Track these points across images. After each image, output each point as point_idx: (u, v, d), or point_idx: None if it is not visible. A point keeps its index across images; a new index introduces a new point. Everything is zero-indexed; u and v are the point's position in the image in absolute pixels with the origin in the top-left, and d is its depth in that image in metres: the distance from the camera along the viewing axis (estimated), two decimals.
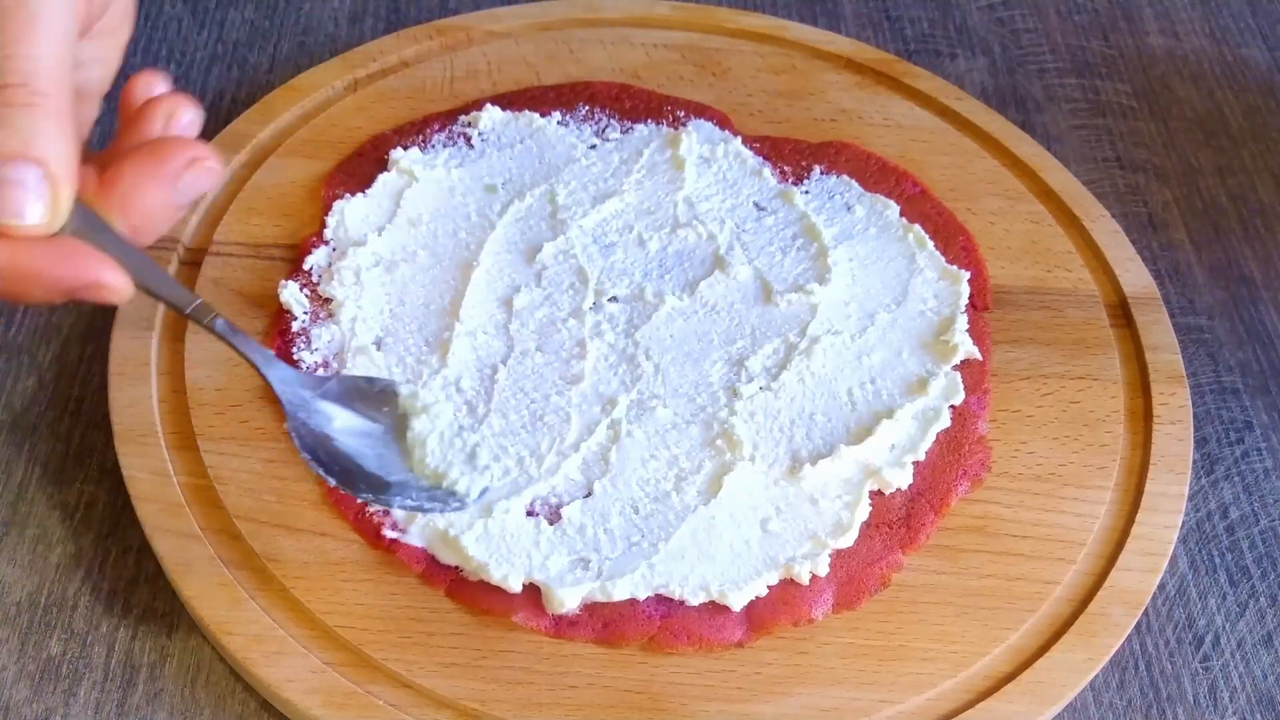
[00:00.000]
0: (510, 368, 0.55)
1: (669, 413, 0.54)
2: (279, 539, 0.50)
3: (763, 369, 0.56)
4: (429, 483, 0.49)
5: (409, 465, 0.49)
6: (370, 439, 0.49)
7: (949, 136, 0.66)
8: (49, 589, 0.52)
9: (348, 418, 0.49)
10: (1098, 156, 0.70)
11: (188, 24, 0.73)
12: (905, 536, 0.52)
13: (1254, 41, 0.77)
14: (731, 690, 0.48)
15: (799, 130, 0.66)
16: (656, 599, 0.49)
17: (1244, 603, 0.55)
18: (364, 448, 0.49)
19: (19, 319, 0.60)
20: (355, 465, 0.48)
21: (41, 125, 0.41)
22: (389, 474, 0.48)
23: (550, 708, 0.47)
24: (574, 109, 0.65)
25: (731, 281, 0.59)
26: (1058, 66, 0.75)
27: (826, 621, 0.50)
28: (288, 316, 0.57)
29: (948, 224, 0.62)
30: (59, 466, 0.55)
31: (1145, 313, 0.60)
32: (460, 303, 0.57)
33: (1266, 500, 0.58)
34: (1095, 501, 0.54)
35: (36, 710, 0.49)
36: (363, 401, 0.50)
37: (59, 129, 0.41)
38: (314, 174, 0.62)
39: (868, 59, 0.69)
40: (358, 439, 0.49)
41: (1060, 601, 0.51)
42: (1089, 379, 0.58)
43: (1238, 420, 0.60)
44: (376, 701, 0.47)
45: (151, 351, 0.56)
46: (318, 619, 0.49)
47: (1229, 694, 0.52)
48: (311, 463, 0.47)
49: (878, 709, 0.48)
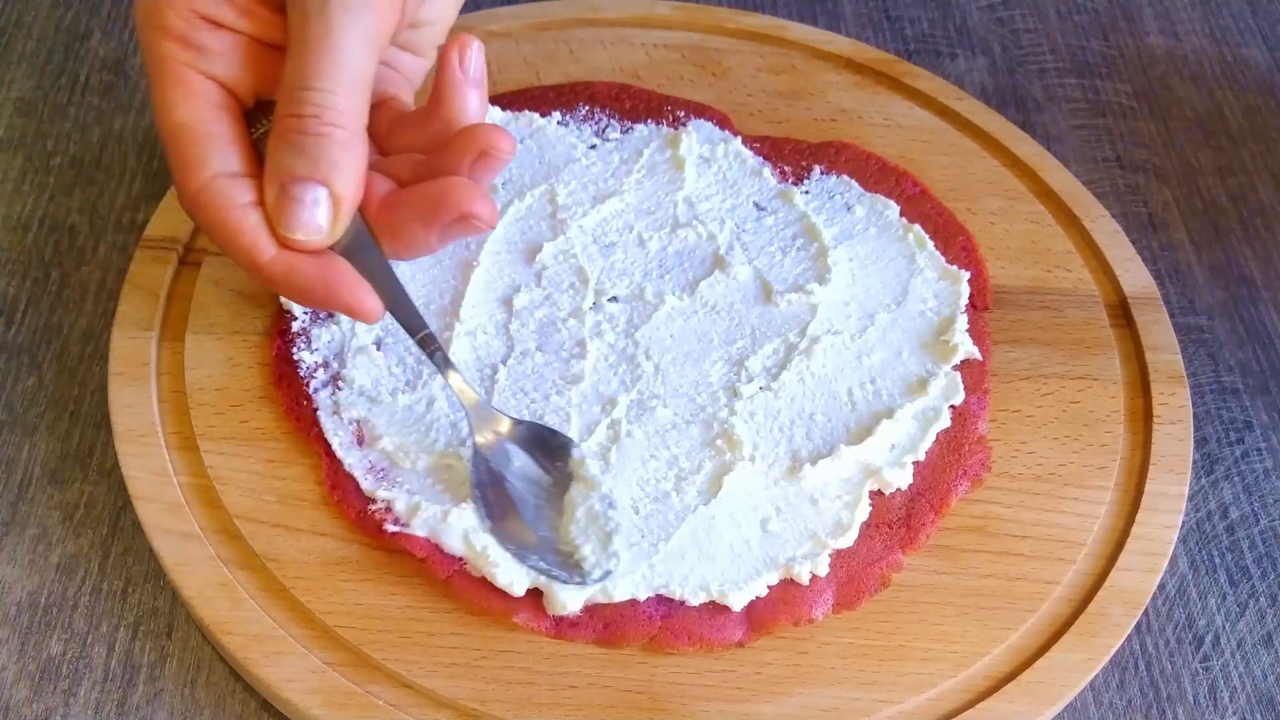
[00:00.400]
0: (510, 367, 0.55)
1: (669, 413, 0.54)
2: (279, 539, 0.50)
3: (763, 369, 0.56)
4: (565, 549, 0.50)
5: (556, 526, 0.50)
6: (538, 488, 0.51)
7: (949, 136, 0.66)
8: (49, 589, 0.52)
9: (525, 462, 0.51)
10: (1098, 156, 0.70)
11: None
12: (905, 536, 0.52)
13: (1254, 41, 0.77)
14: (731, 690, 0.48)
15: (799, 130, 0.66)
16: (657, 599, 0.49)
17: (1244, 603, 0.55)
18: (528, 495, 0.51)
19: (19, 319, 0.60)
20: (515, 512, 0.50)
21: (330, 152, 0.45)
22: (538, 528, 0.50)
23: (550, 708, 0.47)
24: (574, 109, 0.65)
25: (731, 281, 0.59)
26: (1058, 66, 0.75)
27: (826, 621, 0.50)
28: (288, 316, 0.56)
29: (948, 224, 0.62)
30: (59, 466, 0.55)
31: (1145, 313, 0.60)
32: (460, 302, 0.57)
33: (1266, 500, 0.58)
34: (1095, 501, 0.54)
35: (36, 710, 0.49)
36: (542, 450, 0.52)
37: (346, 154, 0.46)
38: None
39: (868, 59, 0.69)
40: (526, 485, 0.51)
41: (1060, 601, 0.51)
42: (1089, 379, 0.58)
43: (1238, 420, 0.60)
44: (376, 701, 0.47)
45: (151, 351, 0.56)
46: (318, 619, 0.49)
47: (1229, 694, 0.52)
48: (479, 500, 0.50)
49: (878, 709, 0.48)
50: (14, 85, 0.69)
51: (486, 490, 0.50)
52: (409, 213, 0.48)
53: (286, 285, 0.47)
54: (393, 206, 0.48)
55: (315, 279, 0.47)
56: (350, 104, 0.46)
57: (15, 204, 0.64)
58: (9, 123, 0.68)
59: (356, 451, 0.53)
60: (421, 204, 0.47)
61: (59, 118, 0.68)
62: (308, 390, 0.54)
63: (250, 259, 0.47)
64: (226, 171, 0.47)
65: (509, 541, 0.49)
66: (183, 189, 0.47)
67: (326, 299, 0.47)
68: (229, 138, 0.47)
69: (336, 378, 0.55)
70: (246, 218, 0.46)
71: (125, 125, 0.68)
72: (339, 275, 0.47)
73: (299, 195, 0.46)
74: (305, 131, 0.45)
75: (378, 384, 0.54)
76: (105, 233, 0.63)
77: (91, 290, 0.61)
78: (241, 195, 0.46)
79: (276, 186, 0.46)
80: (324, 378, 0.55)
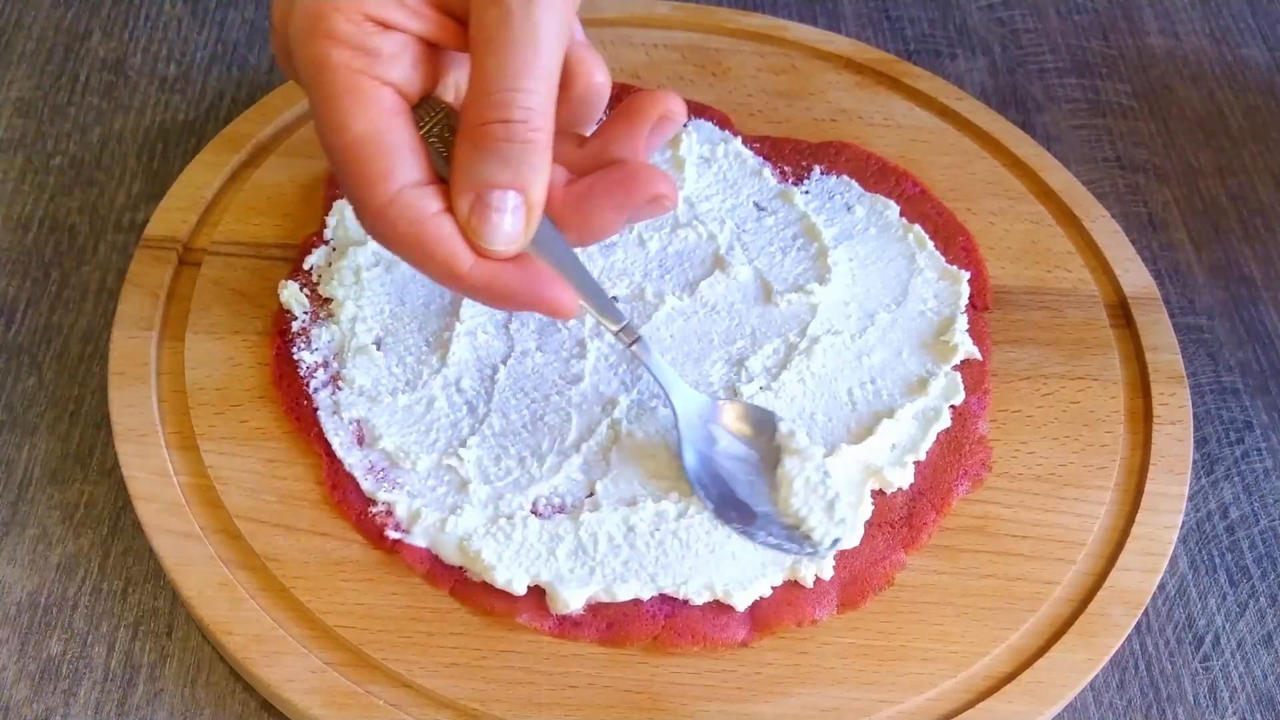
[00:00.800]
0: (510, 367, 0.55)
1: (669, 412, 0.54)
2: (279, 539, 0.50)
3: (763, 369, 0.56)
4: (789, 522, 0.50)
5: (774, 500, 0.51)
6: (745, 465, 0.52)
7: (949, 136, 0.66)
8: (49, 589, 0.52)
9: (730, 441, 0.52)
10: (1098, 156, 0.70)
11: (188, 24, 0.73)
12: (908, 536, 0.52)
13: (1254, 41, 0.77)
14: (732, 690, 0.48)
15: (799, 130, 0.66)
16: (660, 599, 0.49)
17: (1244, 603, 0.55)
18: (738, 473, 0.51)
19: (19, 319, 0.60)
20: (730, 491, 0.51)
21: (531, 159, 0.44)
22: (756, 504, 0.51)
23: (550, 708, 0.47)
24: None
25: (731, 281, 0.59)
26: (1058, 66, 0.75)
27: (827, 622, 0.50)
28: (288, 316, 0.57)
29: (948, 224, 0.62)
30: (59, 466, 0.55)
31: (1145, 313, 0.60)
32: (460, 302, 0.57)
33: (1266, 500, 0.58)
34: (1095, 501, 0.54)
35: (36, 710, 0.49)
36: (747, 428, 0.52)
37: (543, 160, 0.44)
38: (314, 174, 0.62)
39: (868, 59, 0.69)
40: (734, 463, 0.52)
41: (1060, 601, 0.51)
42: (1089, 379, 0.58)
43: (1238, 420, 0.60)
44: (376, 701, 0.47)
45: (151, 351, 0.56)
46: (318, 619, 0.49)
47: (1229, 694, 0.52)
48: (696, 485, 0.51)
49: (878, 709, 0.48)
50: (14, 85, 0.69)
51: (700, 474, 0.51)
52: (601, 202, 0.46)
53: (489, 293, 0.45)
54: (580, 197, 0.46)
55: (518, 282, 0.45)
56: (550, 105, 0.44)
57: (15, 204, 0.64)
58: (9, 123, 0.68)
59: (357, 451, 0.53)
60: (613, 191, 0.46)
61: (59, 118, 0.68)
62: (308, 390, 0.54)
63: (450, 270, 0.44)
64: (412, 182, 0.44)
65: (733, 521, 0.50)
66: (367, 205, 0.44)
67: (531, 301, 0.45)
68: (410, 145, 0.44)
69: (336, 378, 0.55)
70: (441, 228, 0.44)
71: (125, 125, 0.68)
72: (540, 276, 0.45)
73: (497, 204, 0.44)
74: (513, 139, 0.43)
75: (378, 384, 0.54)
76: (105, 233, 0.63)
77: (91, 290, 0.61)
78: (431, 205, 0.44)
79: (473, 196, 0.44)
80: (324, 378, 0.55)
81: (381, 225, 0.44)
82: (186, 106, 0.69)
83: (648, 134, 0.46)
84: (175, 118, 0.68)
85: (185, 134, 0.68)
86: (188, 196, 0.61)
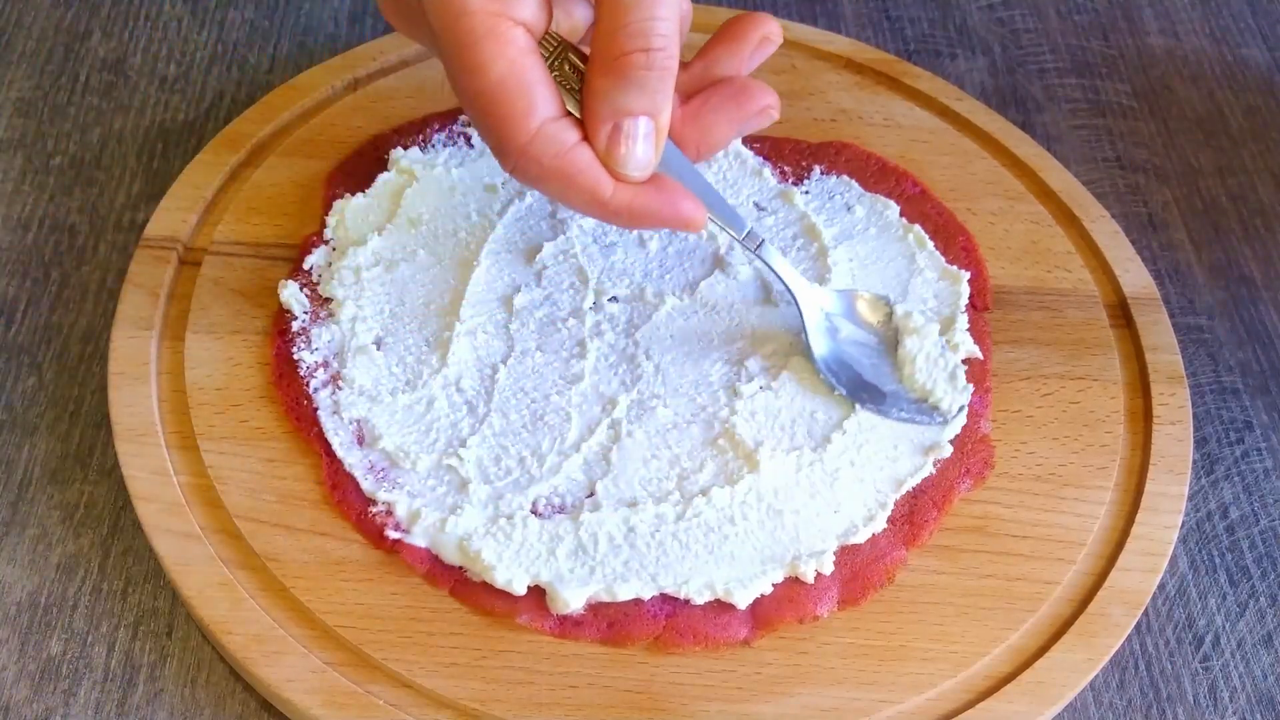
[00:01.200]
0: (510, 367, 0.55)
1: (669, 412, 0.54)
2: (279, 539, 0.50)
3: (763, 368, 0.56)
4: (918, 395, 0.55)
5: (899, 378, 0.55)
6: (866, 349, 0.56)
7: (949, 136, 0.67)
8: (49, 589, 0.52)
9: (851, 329, 0.56)
10: (1098, 156, 0.70)
11: (188, 24, 0.73)
12: (909, 533, 0.52)
13: (1254, 41, 0.77)
14: (732, 690, 0.48)
15: (799, 130, 0.66)
16: (661, 598, 0.49)
17: (1244, 603, 0.55)
18: (862, 357, 0.55)
19: (19, 319, 0.60)
20: (858, 375, 0.55)
21: (666, 86, 0.47)
22: (883, 384, 0.55)
23: (550, 708, 0.47)
24: None
25: (731, 281, 0.59)
26: (1058, 66, 0.75)
27: (827, 621, 0.50)
28: (288, 316, 0.57)
29: (948, 224, 0.62)
30: (59, 466, 0.55)
31: (1145, 313, 0.60)
32: (460, 302, 0.57)
33: (1266, 500, 0.58)
34: (1095, 501, 0.54)
35: (36, 710, 0.49)
36: (865, 316, 0.56)
37: (672, 86, 0.47)
38: (314, 174, 0.62)
39: (868, 59, 0.69)
40: (858, 349, 0.56)
41: (1060, 601, 0.51)
42: (1089, 379, 0.58)
43: (1238, 420, 0.60)
44: (376, 701, 0.47)
45: (151, 351, 0.56)
46: (318, 619, 0.49)
47: (1229, 694, 0.52)
48: (826, 374, 0.55)
49: (878, 709, 0.48)
50: (14, 85, 0.69)
51: (830, 362, 0.55)
52: (716, 117, 0.49)
53: (629, 214, 0.48)
54: (696, 115, 0.50)
55: (656, 202, 0.48)
56: (678, 32, 0.47)
57: (15, 204, 0.64)
58: (9, 123, 0.68)
59: (357, 451, 0.53)
60: (726, 106, 0.49)
61: (59, 118, 0.68)
62: (308, 390, 0.54)
63: (593, 197, 0.47)
64: (550, 116, 0.47)
65: (866, 403, 0.54)
66: (510, 144, 0.47)
67: (669, 218, 0.49)
68: (545, 82, 0.47)
69: (336, 377, 0.55)
70: (581, 157, 0.47)
71: (125, 125, 0.68)
72: (675, 193, 0.48)
73: (632, 131, 0.47)
74: (652, 67, 0.45)
75: (378, 384, 0.54)
76: (105, 233, 0.63)
77: (91, 290, 0.61)
78: (570, 136, 0.47)
79: (610, 125, 0.47)
80: (324, 377, 0.55)
81: (525, 162, 0.47)
82: (186, 106, 0.69)
83: (749, 55, 0.50)
84: (175, 118, 0.68)
85: (185, 134, 0.68)
86: (188, 196, 0.61)
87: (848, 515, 0.52)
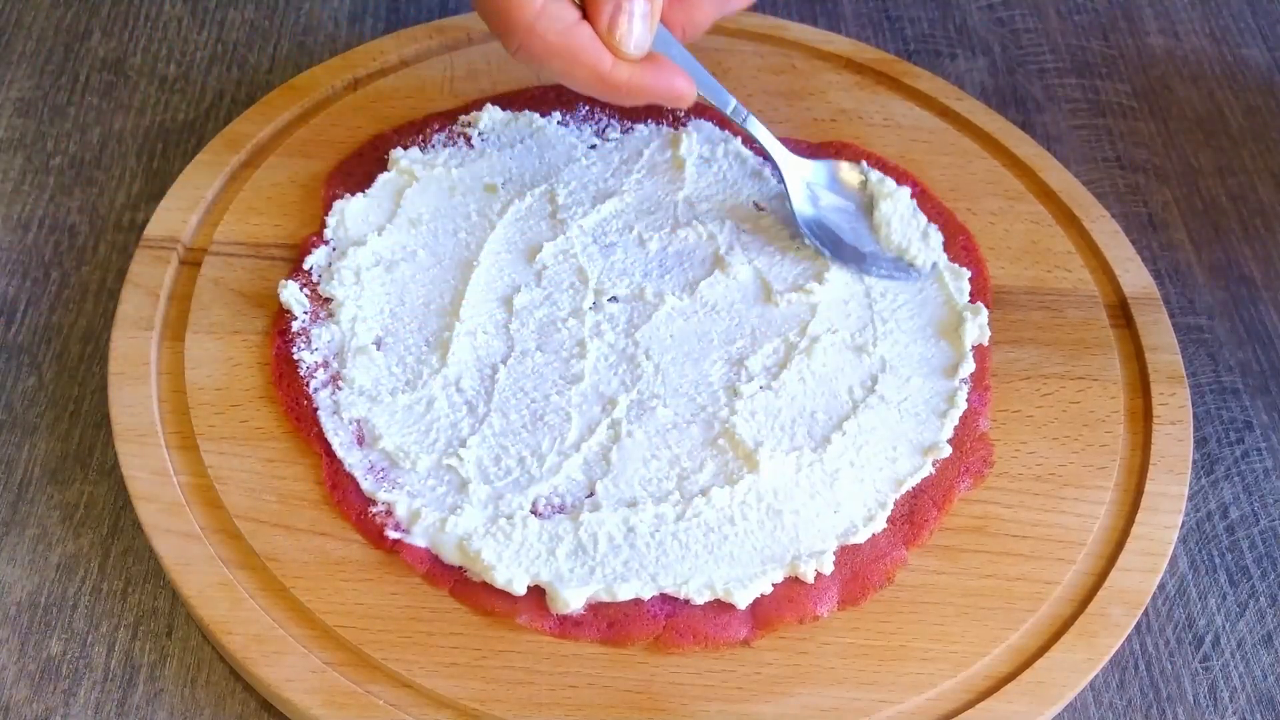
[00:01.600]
0: (510, 367, 0.55)
1: (669, 412, 0.54)
2: (279, 539, 0.50)
3: (763, 368, 0.56)
4: (894, 254, 0.59)
5: (877, 239, 0.59)
6: (845, 215, 0.60)
7: (949, 136, 0.66)
8: (49, 589, 0.52)
9: (831, 197, 0.60)
10: (1098, 156, 0.70)
11: (188, 24, 0.73)
12: (909, 532, 0.52)
13: (1254, 41, 0.77)
14: (731, 690, 0.48)
15: (799, 130, 0.66)
16: (661, 598, 0.49)
17: (1244, 603, 0.55)
18: (842, 222, 0.60)
19: (19, 319, 0.60)
20: (838, 238, 0.59)
21: None
22: (862, 245, 0.59)
23: (550, 708, 0.47)
24: (574, 109, 0.65)
25: (731, 281, 0.59)
26: (1058, 66, 0.75)
27: (827, 621, 0.50)
28: (288, 316, 0.57)
29: (948, 224, 0.62)
30: (59, 466, 0.55)
31: (1145, 313, 0.60)
32: (460, 302, 0.57)
33: (1266, 500, 0.58)
34: (1095, 501, 0.54)
35: (36, 710, 0.49)
36: (841, 182, 0.61)
37: None
38: (314, 174, 0.62)
39: (868, 59, 0.69)
40: (837, 214, 0.60)
41: (1060, 601, 0.51)
42: (1089, 379, 0.58)
43: (1238, 420, 0.60)
44: (376, 701, 0.47)
45: (151, 351, 0.56)
46: (318, 619, 0.49)
47: (1229, 694, 0.52)
48: (809, 236, 0.59)
49: (878, 709, 0.48)
50: (14, 85, 0.69)
51: (812, 225, 0.59)
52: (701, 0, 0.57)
53: (628, 88, 0.53)
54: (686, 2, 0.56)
55: (652, 78, 0.53)
56: None
57: (15, 204, 0.64)
58: (9, 123, 0.68)
59: (357, 451, 0.53)
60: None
61: (59, 118, 0.68)
62: (308, 390, 0.54)
63: (595, 71, 0.52)
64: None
65: (849, 263, 0.58)
66: (516, 25, 0.51)
67: (664, 93, 0.53)
68: None
69: (336, 377, 0.55)
70: (582, 34, 0.52)
71: (125, 125, 0.68)
72: (668, 70, 0.53)
73: (631, 10, 0.51)
74: None
75: (378, 384, 0.54)
76: (105, 233, 0.63)
77: (91, 290, 0.61)
78: (570, 14, 0.52)
79: (613, 5, 0.51)
80: (324, 377, 0.55)
81: (530, 39, 0.51)
82: (186, 106, 0.69)
83: None
84: (175, 118, 0.68)
85: (185, 134, 0.68)
86: (188, 196, 0.61)
87: (847, 515, 0.52)
